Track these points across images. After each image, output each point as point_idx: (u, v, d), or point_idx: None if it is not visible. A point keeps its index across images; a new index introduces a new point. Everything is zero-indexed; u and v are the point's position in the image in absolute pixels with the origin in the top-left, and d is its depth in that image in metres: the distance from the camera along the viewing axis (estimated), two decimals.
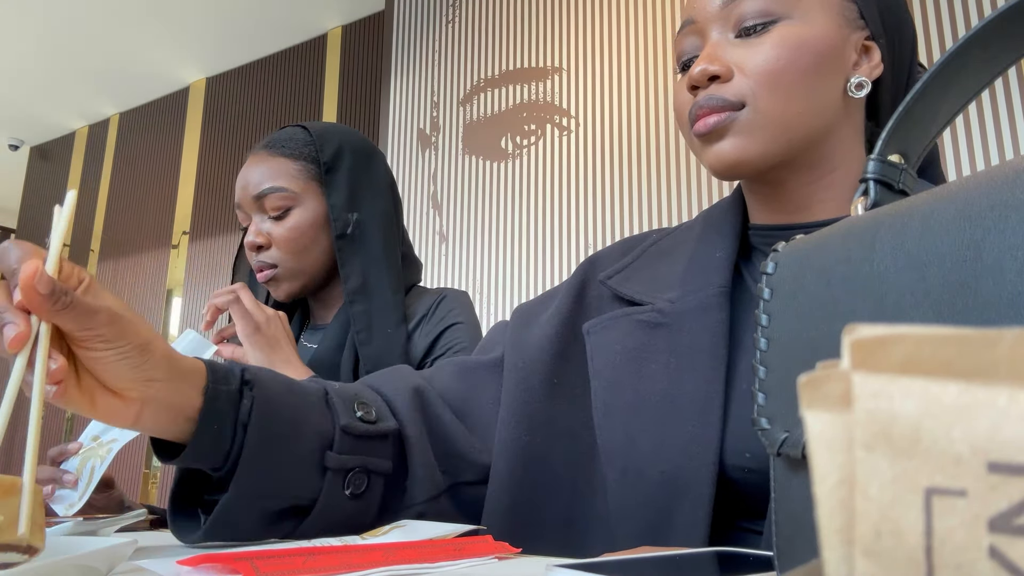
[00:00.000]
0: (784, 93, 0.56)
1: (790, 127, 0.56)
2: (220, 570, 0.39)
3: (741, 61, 0.57)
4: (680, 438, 0.54)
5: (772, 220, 0.62)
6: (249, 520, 0.54)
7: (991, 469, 0.12)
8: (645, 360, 0.59)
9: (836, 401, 0.13)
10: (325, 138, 0.99)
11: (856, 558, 0.13)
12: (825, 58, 0.56)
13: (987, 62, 0.35)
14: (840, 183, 0.59)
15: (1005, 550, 0.11)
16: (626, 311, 0.62)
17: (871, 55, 0.59)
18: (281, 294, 0.98)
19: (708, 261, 0.61)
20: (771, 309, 0.35)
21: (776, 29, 0.56)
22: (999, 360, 0.12)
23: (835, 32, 0.57)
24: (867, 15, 0.59)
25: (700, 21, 0.60)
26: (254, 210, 0.97)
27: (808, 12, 0.57)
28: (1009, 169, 0.26)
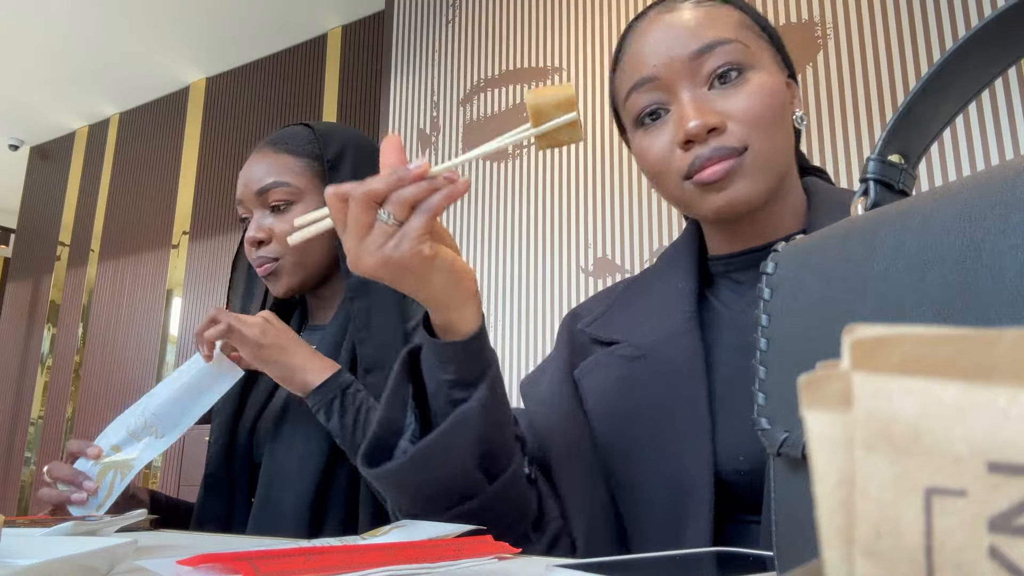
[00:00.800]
0: (770, 134, 0.62)
1: (779, 163, 0.63)
2: (220, 570, 0.39)
3: (728, 110, 0.61)
4: (676, 455, 0.58)
5: (731, 249, 0.68)
6: (465, 450, 0.57)
7: (991, 469, 0.12)
8: (631, 390, 0.64)
9: (836, 401, 0.13)
10: (329, 136, 1.00)
11: (856, 558, 0.13)
12: (783, 100, 0.64)
13: (987, 62, 0.35)
14: (790, 204, 0.67)
15: (1005, 550, 0.11)
16: (607, 351, 0.68)
17: (793, 91, 0.68)
18: (280, 289, 0.97)
19: (672, 294, 0.67)
20: (771, 309, 0.35)
21: (745, 79, 0.62)
22: (999, 360, 0.12)
23: (780, 76, 0.65)
24: (784, 57, 0.68)
25: (665, 77, 0.63)
26: (256, 205, 0.97)
27: (763, 62, 0.64)
28: (1009, 169, 0.26)
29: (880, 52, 1.95)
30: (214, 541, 0.71)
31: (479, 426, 0.57)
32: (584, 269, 2.28)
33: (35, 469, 4.19)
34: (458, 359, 0.58)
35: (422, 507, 0.59)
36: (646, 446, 0.61)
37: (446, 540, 0.50)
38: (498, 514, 0.60)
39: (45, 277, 4.53)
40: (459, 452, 0.57)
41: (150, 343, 3.87)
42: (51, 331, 4.38)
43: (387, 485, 0.59)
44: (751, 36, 0.64)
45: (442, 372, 0.59)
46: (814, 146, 1.99)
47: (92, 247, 4.33)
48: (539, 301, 2.34)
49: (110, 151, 4.42)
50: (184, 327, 3.78)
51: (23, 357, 4.49)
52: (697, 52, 0.62)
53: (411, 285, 0.55)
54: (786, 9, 2.11)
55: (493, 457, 0.60)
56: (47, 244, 4.58)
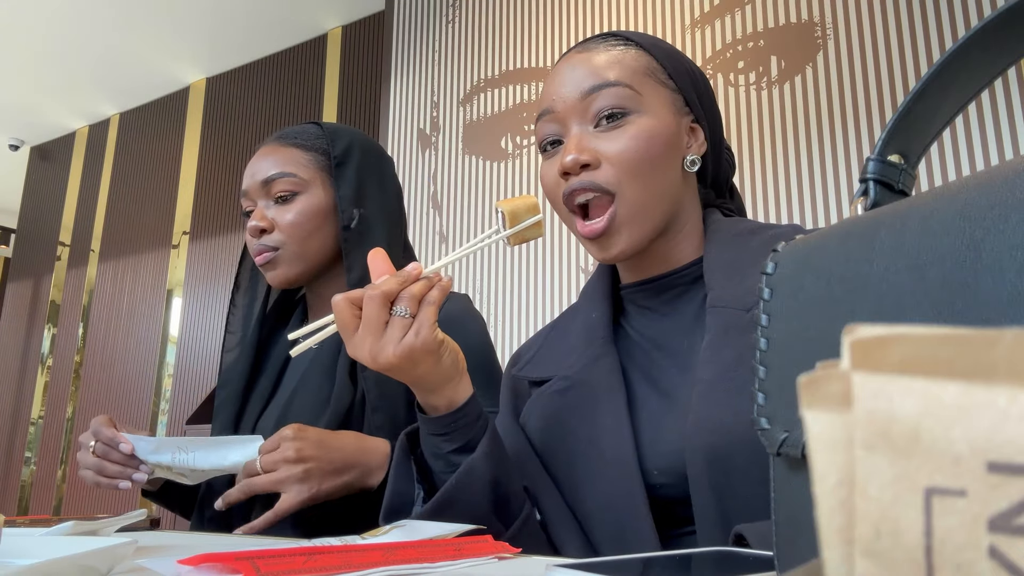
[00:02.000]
0: (643, 180, 0.66)
1: (654, 208, 0.67)
2: (221, 569, 0.39)
3: (604, 151, 0.66)
4: (607, 468, 0.62)
5: (638, 277, 0.73)
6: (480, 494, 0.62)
7: (991, 469, 0.12)
8: (566, 420, 0.68)
9: (836, 401, 0.13)
10: (337, 134, 1.01)
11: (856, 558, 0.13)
12: (669, 144, 0.68)
13: (987, 62, 0.35)
14: (688, 235, 0.72)
15: (1005, 550, 0.11)
16: (540, 391, 0.72)
17: (697, 135, 0.72)
18: (278, 279, 0.97)
19: (589, 323, 0.72)
20: (771, 309, 0.35)
21: (629, 122, 0.67)
22: (999, 360, 0.12)
23: (672, 121, 0.69)
24: (690, 102, 0.71)
25: (560, 112, 0.69)
26: (260, 196, 0.97)
27: (652, 106, 0.68)
28: (1009, 169, 0.26)
29: (880, 52, 1.95)
30: (214, 541, 0.71)
31: (488, 472, 0.62)
32: (584, 269, 2.28)
33: (35, 469, 4.19)
34: (460, 426, 0.64)
35: None
36: (581, 470, 0.65)
37: (446, 540, 0.50)
38: None
39: (45, 277, 4.53)
40: (474, 495, 0.61)
41: (150, 343, 3.87)
42: (51, 331, 4.38)
43: None
44: (648, 82, 0.69)
45: (447, 443, 0.64)
46: (814, 146, 1.99)
47: (92, 247, 4.33)
48: (539, 301, 2.34)
49: (110, 151, 4.42)
50: (184, 327, 3.78)
51: (23, 357, 4.49)
52: (586, 92, 0.68)
53: (426, 368, 0.61)
54: (786, 9, 2.11)
55: (506, 502, 0.64)
56: (47, 244, 4.58)
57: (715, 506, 0.55)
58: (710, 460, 0.56)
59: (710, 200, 0.77)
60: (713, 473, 0.56)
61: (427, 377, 0.62)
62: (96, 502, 3.83)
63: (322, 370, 0.94)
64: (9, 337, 4.62)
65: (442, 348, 0.61)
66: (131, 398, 3.86)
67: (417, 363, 0.60)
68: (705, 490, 0.56)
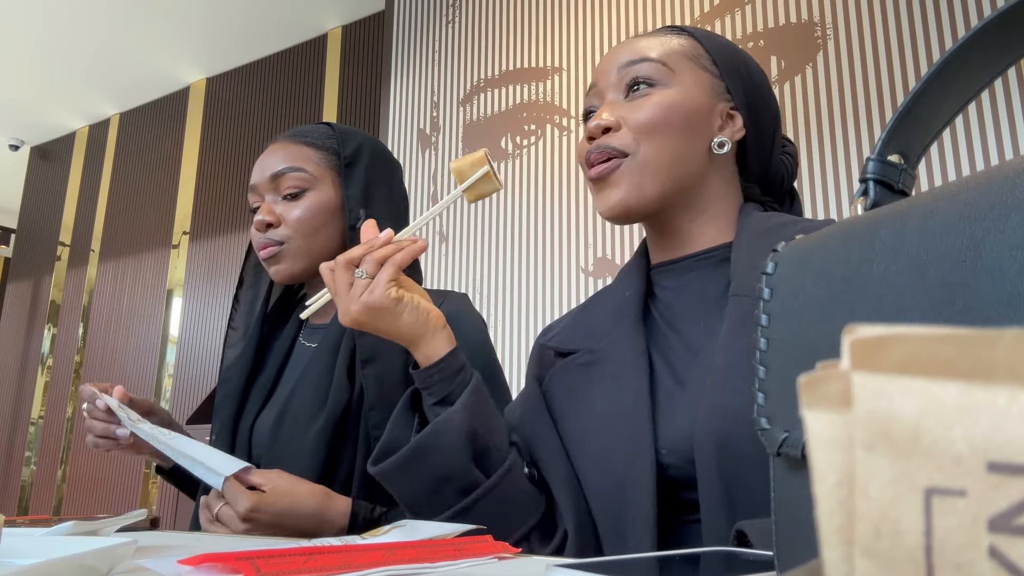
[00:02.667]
0: (657, 144, 0.69)
1: (663, 172, 0.69)
2: (221, 569, 0.39)
3: (626, 116, 0.70)
4: (621, 444, 0.64)
5: (665, 257, 0.75)
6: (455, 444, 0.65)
7: (991, 469, 0.12)
8: (586, 393, 0.70)
9: (836, 401, 0.13)
10: (348, 135, 1.02)
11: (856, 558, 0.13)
12: (691, 119, 0.70)
13: (987, 62, 0.35)
14: (714, 219, 0.73)
15: (1005, 550, 0.11)
16: (565, 361, 0.74)
17: (734, 121, 0.74)
18: (281, 273, 0.97)
19: (620, 301, 0.74)
20: (770, 309, 0.35)
21: (655, 92, 0.70)
22: (999, 360, 0.12)
23: (703, 101, 0.71)
24: (733, 91, 0.74)
25: (601, 85, 0.74)
26: (268, 191, 0.98)
27: (683, 83, 0.71)
28: (1009, 169, 0.26)
29: (880, 52, 1.95)
30: (214, 541, 0.71)
31: (465, 423, 0.66)
32: (584, 269, 2.28)
33: (35, 469, 4.19)
34: (436, 380, 0.69)
35: (425, 501, 0.67)
36: (594, 442, 0.66)
37: (446, 540, 0.50)
38: (500, 511, 0.66)
39: (45, 277, 4.53)
40: (450, 445, 0.65)
41: (150, 343, 3.87)
42: (51, 331, 4.38)
43: (391, 480, 0.68)
44: (687, 64, 0.72)
45: (429, 397, 0.70)
46: (814, 146, 1.99)
47: (92, 247, 4.33)
48: (539, 301, 2.34)
49: (110, 151, 4.42)
50: (184, 327, 3.78)
51: (23, 357, 4.49)
52: (623, 65, 0.73)
53: (387, 324, 0.69)
54: (786, 9, 2.11)
55: (486, 454, 0.68)
56: (47, 244, 4.58)
57: (722, 493, 0.55)
58: (719, 447, 0.56)
59: (753, 195, 0.77)
60: (722, 460, 0.56)
61: (391, 331, 0.69)
62: (96, 502, 3.83)
63: (320, 368, 0.95)
64: (9, 337, 4.62)
65: (400, 305, 0.68)
66: None
67: (377, 318, 0.68)
68: (712, 476, 0.56)
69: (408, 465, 0.66)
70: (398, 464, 0.66)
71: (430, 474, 0.66)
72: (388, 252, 0.69)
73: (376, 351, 0.91)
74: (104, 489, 3.84)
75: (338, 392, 0.91)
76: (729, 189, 0.74)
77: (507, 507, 0.67)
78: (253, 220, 1.00)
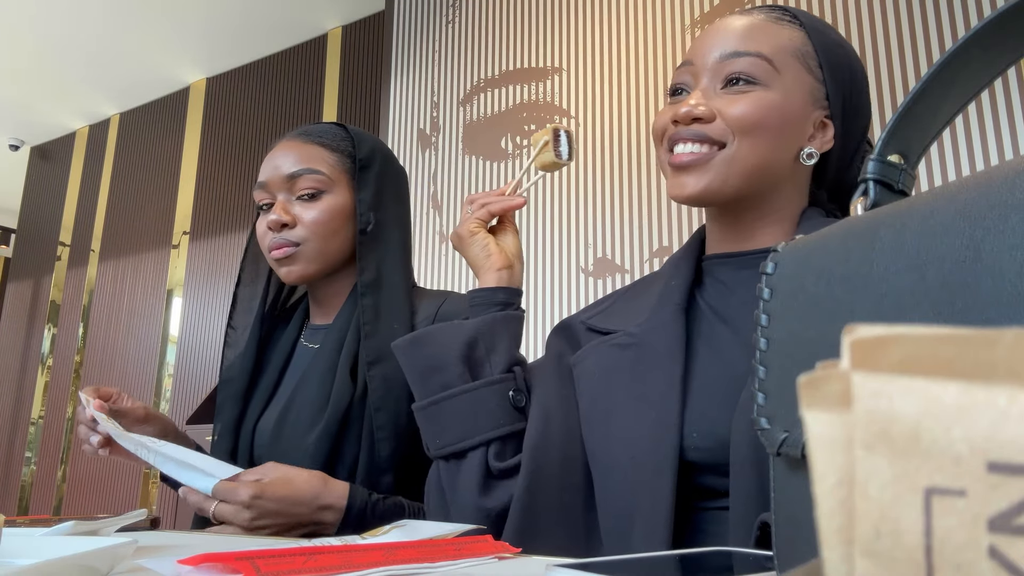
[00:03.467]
0: (753, 144, 0.67)
1: (749, 173, 0.68)
2: (221, 569, 0.39)
3: (722, 109, 0.68)
4: (646, 427, 0.64)
5: (723, 249, 0.74)
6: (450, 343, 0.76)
7: (991, 469, 0.12)
8: (618, 373, 0.70)
9: (836, 401, 0.13)
10: (361, 138, 1.02)
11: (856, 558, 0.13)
12: (788, 125, 0.68)
13: (987, 62, 0.35)
14: (779, 221, 0.72)
15: (1005, 550, 0.11)
16: (602, 339, 0.74)
17: (826, 131, 0.71)
18: (293, 275, 0.97)
19: (667, 289, 0.73)
20: (771, 309, 0.35)
21: (755, 91, 0.68)
22: (999, 360, 0.12)
23: (801, 107, 0.69)
24: (832, 98, 0.71)
25: (697, 65, 0.71)
26: (282, 190, 0.97)
27: (784, 85, 0.68)
28: (1009, 169, 0.26)
29: (880, 52, 1.95)
30: (214, 541, 0.71)
31: (471, 329, 0.76)
32: (584, 269, 2.28)
33: (35, 469, 4.19)
34: (476, 303, 0.80)
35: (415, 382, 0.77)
36: (619, 423, 0.66)
37: (446, 540, 0.50)
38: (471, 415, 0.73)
39: (45, 277, 4.53)
40: (446, 339, 0.76)
41: (150, 343, 3.87)
42: (51, 331, 4.38)
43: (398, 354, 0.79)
44: (792, 63, 0.69)
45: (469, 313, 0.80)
46: None
47: (92, 247, 4.33)
48: (539, 301, 2.34)
49: (110, 151, 4.42)
50: (184, 327, 3.78)
51: (23, 357, 4.49)
52: (727, 55, 0.69)
53: (462, 250, 0.84)
54: None
55: (477, 362, 0.76)
56: (47, 244, 4.58)
57: (754, 481, 0.55)
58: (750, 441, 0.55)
59: (820, 201, 0.76)
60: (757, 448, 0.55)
61: (466, 257, 0.84)
62: (96, 502, 3.83)
63: (323, 369, 0.94)
64: (9, 337, 4.62)
65: (472, 238, 0.83)
66: None
67: (458, 243, 0.84)
68: (746, 463, 0.56)
69: (411, 345, 0.78)
70: (404, 343, 0.78)
71: (424, 362, 0.76)
72: (490, 199, 0.85)
73: (382, 352, 0.91)
74: (104, 489, 3.84)
75: (340, 392, 0.91)
76: (800, 193, 0.73)
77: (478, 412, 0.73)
78: (260, 217, 0.99)
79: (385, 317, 0.95)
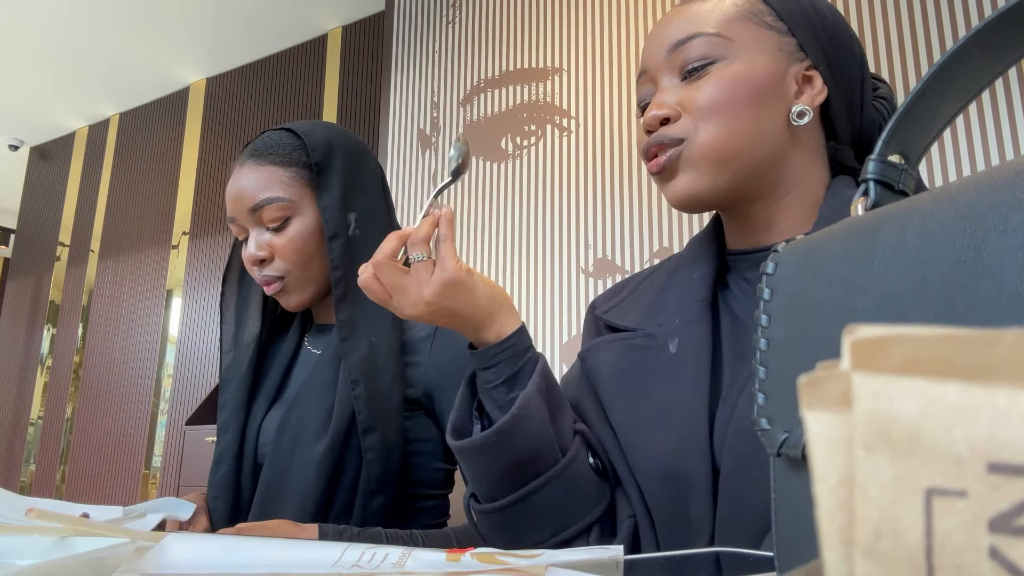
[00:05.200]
0: (723, 127, 0.61)
1: (732, 157, 0.61)
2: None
3: (685, 101, 0.63)
4: (675, 439, 0.59)
5: (744, 245, 0.67)
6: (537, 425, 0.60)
7: (991, 470, 0.12)
8: (642, 377, 0.64)
9: (836, 401, 0.13)
10: (313, 139, 0.95)
11: (856, 558, 0.13)
12: (761, 92, 0.61)
13: (987, 62, 0.35)
14: (797, 202, 0.64)
15: (1005, 551, 0.11)
16: (619, 336, 0.68)
17: (813, 83, 0.64)
18: (293, 304, 0.94)
19: (689, 282, 0.67)
20: (771, 309, 0.35)
21: (714, 69, 0.62)
22: (999, 360, 0.12)
23: (772, 67, 0.62)
24: (805, 46, 0.64)
25: (651, 70, 0.66)
26: (251, 223, 0.93)
27: (745, 51, 0.62)
28: (1009, 169, 0.26)
29: (880, 52, 1.95)
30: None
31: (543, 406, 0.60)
32: (584, 269, 2.28)
33: (35, 469, 4.19)
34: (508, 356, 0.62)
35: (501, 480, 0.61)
36: (647, 433, 0.61)
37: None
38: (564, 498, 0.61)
39: (45, 277, 4.53)
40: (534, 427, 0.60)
41: (150, 343, 3.87)
42: (51, 331, 4.38)
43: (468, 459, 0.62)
44: (745, 26, 0.63)
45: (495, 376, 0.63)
46: None
47: (92, 247, 4.33)
48: (539, 301, 2.34)
49: (110, 151, 4.42)
50: (184, 327, 3.78)
51: (23, 357, 4.49)
52: (674, 46, 0.64)
53: (465, 300, 0.61)
54: None
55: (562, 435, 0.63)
56: (47, 244, 4.58)
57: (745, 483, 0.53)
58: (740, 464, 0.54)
59: (846, 161, 0.68)
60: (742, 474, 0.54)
61: (467, 308, 0.61)
62: (96, 502, 3.83)
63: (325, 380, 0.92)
64: (9, 337, 4.62)
65: (473, 277, 0.61)
66: (131, 398, 3.86)
67: (453, 296, 0.60)
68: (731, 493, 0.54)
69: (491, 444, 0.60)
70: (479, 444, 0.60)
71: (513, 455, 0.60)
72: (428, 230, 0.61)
73: (364, 370, 0.87)
74: (104, 489, 3.84)
75: (342, 405, 0.89)
76: (815, 163, 0.65)
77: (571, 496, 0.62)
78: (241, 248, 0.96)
79: (363, 330, 0.89)
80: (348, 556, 0.42)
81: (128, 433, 3.81)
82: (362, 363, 0.88)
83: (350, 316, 0.90)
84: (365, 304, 0.89)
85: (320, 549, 0.43)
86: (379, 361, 0.89)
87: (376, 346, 0.89)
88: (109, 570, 0.40)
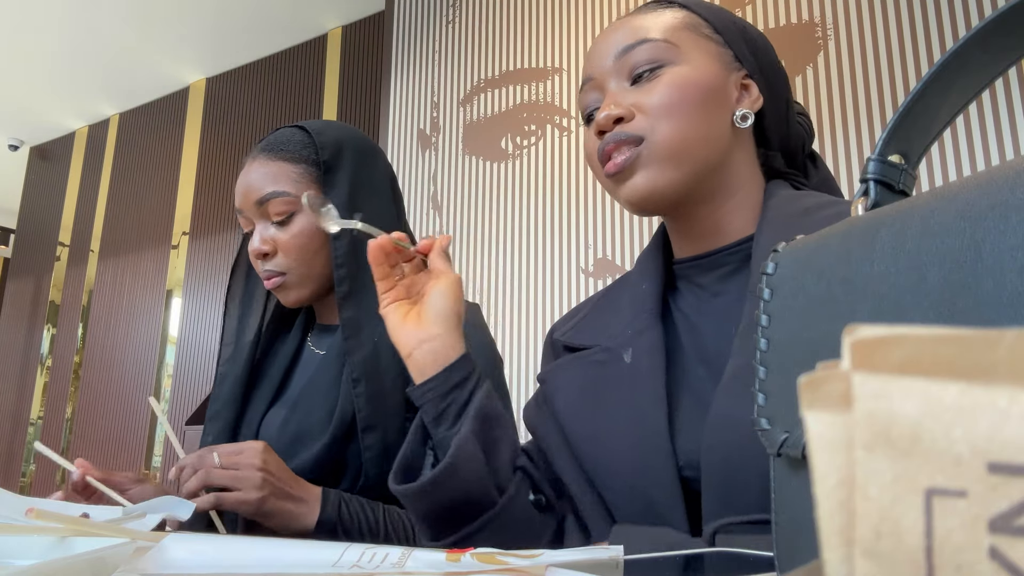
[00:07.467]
0: (679, 125, 0.63)
1: (688, 155, 0.64)
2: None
3: (639, 102, 0.65)
4: (637, 451, 0.60)
5: (690, 252, 0.69)
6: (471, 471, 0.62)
7: (991, 470, 0.12)
8: (600, 390, 0.65)
9: (836, 401, 0.13)
10: (324, 137, 0.96)
11: (856, 559, 0.13)
12: (710, 94, 0.65)
13: (987, 62, 0.35)
14: (741, 205, 0.67)
15: (1005, 551, 0.11)
16: (577, 355, 0.70)
17: (750, 91, 0.68)
18: (290, 301, 0.95)
19: (638, 294, 0.69)
20: (771, 309, 0.35)
21: (665, 72, 0.65)
22: (999, 360, 0.12)
23: (716, 72, 0.66)
24: (742, 57, 0.68)
25: (598, 77, 0.68)
26: (257, 216, 0.94)
27: (691, 57, 0.66)
28: (1009, 169, 0.26)
29: (880, 52, 1.95)
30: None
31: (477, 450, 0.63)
32: (584, 269, 2.28)
33: (35, 469, 4.19)
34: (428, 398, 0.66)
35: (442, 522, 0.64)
36: (611, 448, 0.62)
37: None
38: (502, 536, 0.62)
39: (45, 277, 4.53)
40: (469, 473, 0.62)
41: (150, 343, 3.87)
42: (51, 331, 4.38)
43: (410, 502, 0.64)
44: (688, 35, 0.67)
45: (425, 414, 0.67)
46: (815, 146, 1.99)
47: (92, 247, 4.33)
48: (539, 301, 2.34)
49: (110, 151, 4.42)
50: (184, 327, 3.78)
51: (23, 357, 4.49)
52: (621, 52, 0.67)
53: None
54: (786, 9, 2.11)
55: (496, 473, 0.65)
56: (47, 244, 4.58)
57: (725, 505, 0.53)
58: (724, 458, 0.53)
59: (778, 168, 0.72)
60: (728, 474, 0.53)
61: None
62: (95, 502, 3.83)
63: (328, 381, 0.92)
64: (9, 337, 4.62)
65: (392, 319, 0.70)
66: (130, 398, 3.86)
67: None
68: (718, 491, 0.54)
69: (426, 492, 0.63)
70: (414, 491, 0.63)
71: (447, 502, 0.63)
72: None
73: (365, 370, 0.88)
74: None
75: (344, 407, 0.89)
76: (753, 169, 0.69)
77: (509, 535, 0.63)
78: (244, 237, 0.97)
79: (366, 329, 0.90)
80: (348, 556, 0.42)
81: (128, 433, 3.81)
82: (365, 362, 0.88)
83: (354, 315, 0.90)
84: (369, 303, 0.89)
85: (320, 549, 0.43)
86: (382, 361, 0.89)
87: (379, 346, 0.89)
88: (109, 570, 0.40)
